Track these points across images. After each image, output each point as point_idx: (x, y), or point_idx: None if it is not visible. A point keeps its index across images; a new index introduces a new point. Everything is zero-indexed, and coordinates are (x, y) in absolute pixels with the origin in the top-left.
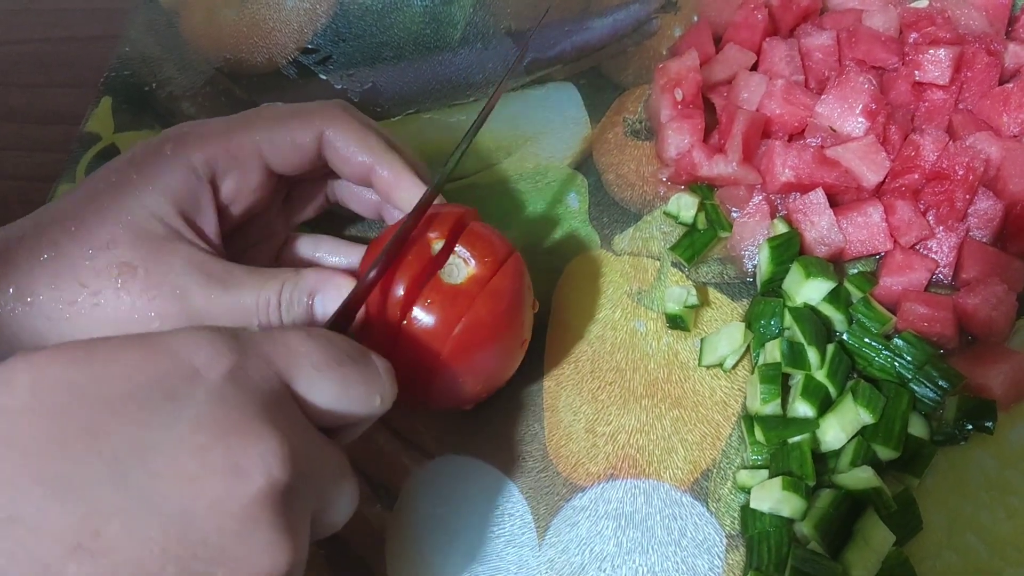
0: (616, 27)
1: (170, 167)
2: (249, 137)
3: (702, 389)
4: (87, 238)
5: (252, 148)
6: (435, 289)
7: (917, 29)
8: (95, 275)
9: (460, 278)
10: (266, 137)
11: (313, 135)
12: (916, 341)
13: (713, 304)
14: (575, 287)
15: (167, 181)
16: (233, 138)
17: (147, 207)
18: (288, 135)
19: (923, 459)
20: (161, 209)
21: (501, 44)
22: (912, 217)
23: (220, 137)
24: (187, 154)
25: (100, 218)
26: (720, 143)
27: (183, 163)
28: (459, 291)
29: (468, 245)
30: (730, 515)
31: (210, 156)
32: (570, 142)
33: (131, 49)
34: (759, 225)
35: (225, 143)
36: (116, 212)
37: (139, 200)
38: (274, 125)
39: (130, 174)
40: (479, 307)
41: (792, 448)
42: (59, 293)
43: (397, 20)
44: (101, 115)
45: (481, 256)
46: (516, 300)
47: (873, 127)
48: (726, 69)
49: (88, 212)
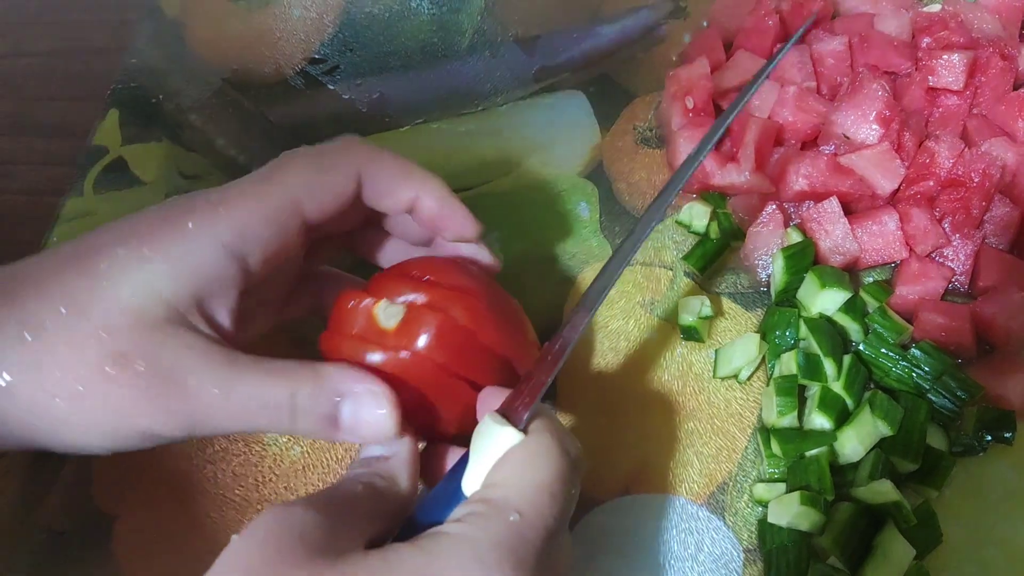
0: (625, 34)
1: (193, 247)
2: (286, 193)
3: (717, 401)
4: (78, 322)
5: (291, 206)
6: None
7: (930, 34)
8: (82, 365)
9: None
10: (304, 190)
11: (352, 176)
12: (934, 351)
13: (727, 314)
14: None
15: (187, 263)
16: (269, 199)
17: (156, 291)
18: (327, 182)
19: (942, 471)
20: (172, 294)
21: (509, 52)
22: (928, 225)
23: (253, 200)
24: (215, 230)
25: (96, 297)
26: (732, 151)
27: (210, 242)
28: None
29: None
30: (747, 529)
31: (243, 227)
32: (580, 150)
33: (138, 61)
34: (773, 234)
35: (260, 206)
36: (116, 293)
37: (148, 282)
38: (310, 174)
39: (140, 249)
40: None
41: (810, 462)
42: (40, 381)
43: (404, 29)
44: (108, 128)
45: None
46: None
47: (887, 134)
48: (737, 76)
49: (81, 289)
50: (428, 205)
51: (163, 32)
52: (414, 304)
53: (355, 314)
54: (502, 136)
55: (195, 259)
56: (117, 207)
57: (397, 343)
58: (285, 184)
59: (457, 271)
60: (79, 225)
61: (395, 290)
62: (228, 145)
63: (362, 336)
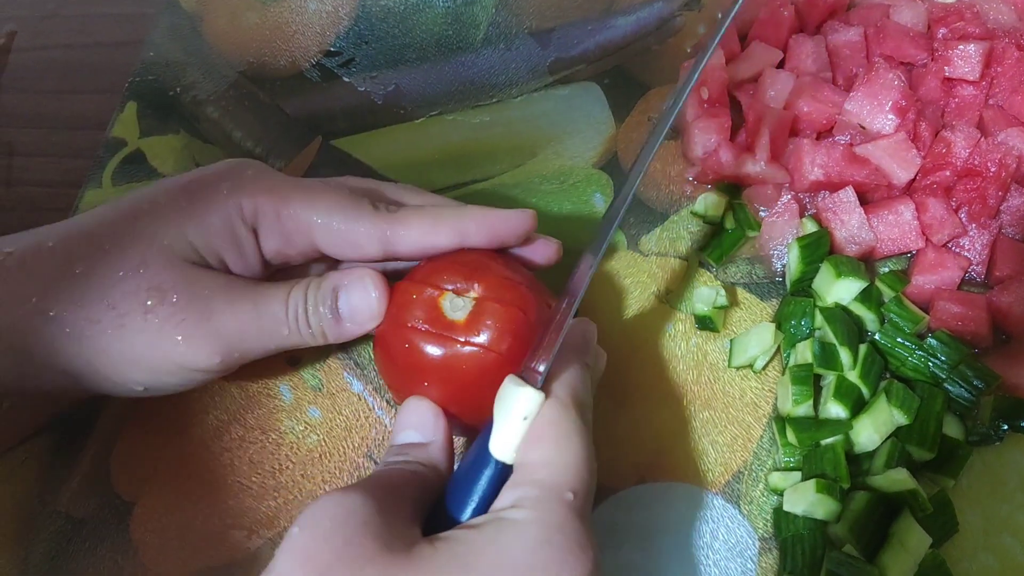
0: (640, 25)
1: (221, 206)
2: (305, 214)
3: (732, 390)
4: (120, 259)
5: (305, 227)
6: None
7: (946, 24)
8: (123, 297)
9: (461, 315)
10: (324, 224)
11: (379, 241)
12: (950, 340)
13: (742, 304)
14: (602, 289)
15: (214, 219)
16: (289, 206)
17: (187, 237)
18: (350, 233)
19: (958, 460)
20: (201, 243)
21: (524, 44)
22: (944, 215)
23: (276, 197)
24: (240, 199)
25: (134, 239)
26: (747, 142)
27: (234, 206)
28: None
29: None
30: (763, 517)
31: (260, 209)
32: (595, 142)
33: (155, 54)
34: (788, 224)
35: (280, 206)
36: (152, 235)
37: (181, 229)
38: (336, 215)
39: (180, 201)
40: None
41: (825, 450)
42: (84, 312)
43: (419, 21)
44: (126, 120)
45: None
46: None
47: (903, 124)
48: (752, 67)
49: (123, 232)
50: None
51: (180, 25)
52: (483, 298)
53: (416, 305)
54: (516, 128)
55: (218, 218)
56: None
57: (466, 335)
58: (310, 206)
59: (507, 264)
60: None
61: (453, 280)
62: (245, 137)
63: (424, 327)
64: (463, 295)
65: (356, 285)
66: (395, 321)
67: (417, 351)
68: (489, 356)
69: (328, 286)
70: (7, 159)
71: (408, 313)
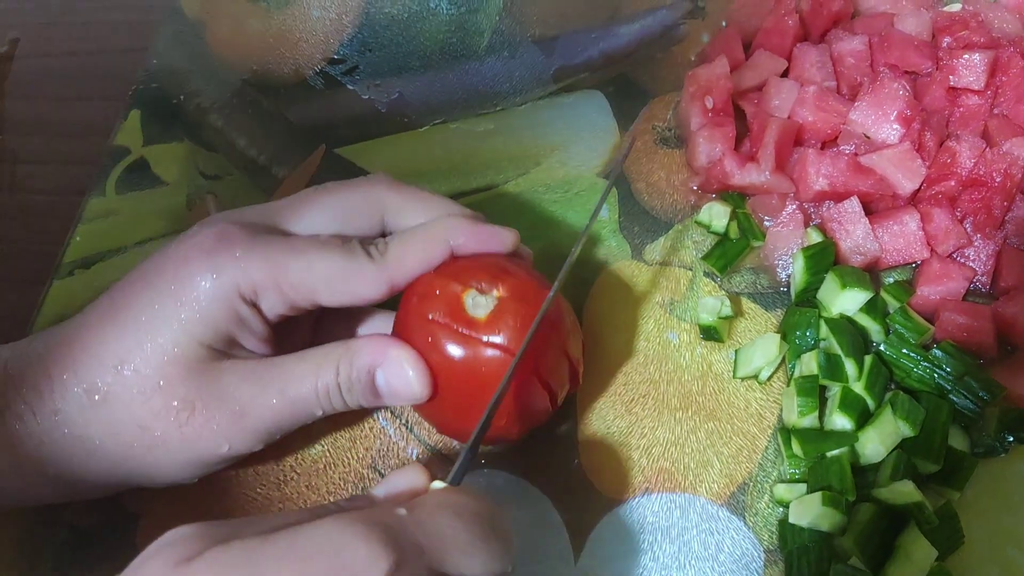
0: (644, 33)
1: (218, 296)
2: (305, 282)
3: (737, 401)
4: (138, 379)
5: (306, 291)
6: (462, 321)
7: (950, 33)
8: (153, 417)
9: (483, 312)
10: (325, 287)
11: (376, 219)
12: (955, 351)
13: (746, 314)
14: (606, 298)
15: (215, 311)
16: (288, 277)
17: (195, 339)
18: (351, 290)
19: (964, 472)
20: (210, 337)
21: (528, 52)
22: (949, 225)
23: (273, 269)
24: (236, 280)
25: (144, 352)
26: (752, 151)
27: (231, 290)
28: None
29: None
30: (768, 529)
31: (258, 286)
32: (599, 150)
33: (158, 62)
34: (793, 234)
35: (279, 278)
36: (163, 345)
37: (185, 331)
38: (335, 278)
39: (171, 305)
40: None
41: (831, 462)
42: (119, 438)
43: (423, 29)
44: (130, 128)
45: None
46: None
47: (908, 134)
48: (756, 76)
49: (129, 347)
50: (463, 245)
51: (184, 33)
52: (506, 298)
53: (437, 300)
54: (520, 136)
55: (216, 310)
56: (139, 207)
57: (486, 333)
58: (307, 269)
59: (525, 268)
60: (102, 225)
61: (477, 279)
62: (248, 145)
63: (444, 322)
64: (486, 294)
65: (392, 367)
66: (416, 313)
67: (439, 346)
68: (508, 360)
69: (362, 367)
70: (10, 167)
71: (430, 306)
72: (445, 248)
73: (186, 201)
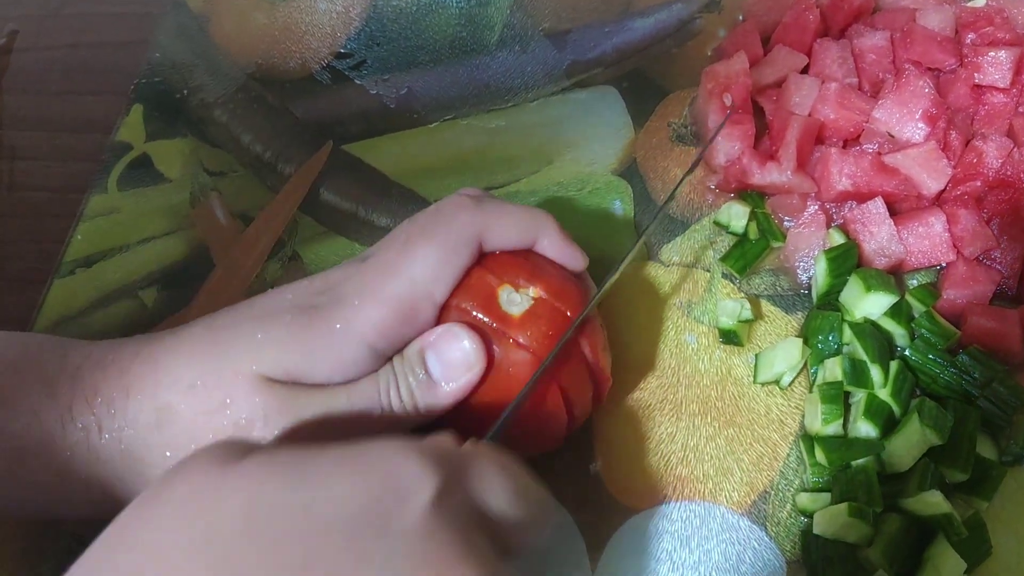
0: (658, 27)
1: (339, 347)
2: (417, 289)
3: (757, 407)
4: (206, 396)
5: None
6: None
7: (974, 29)
8: (215, 435)
9: (517, 310)
10: (433, 281)
11: (474, 247)
12: (983, 357)
13: (766, 317)
14: (622, 299)
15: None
16: (403, 299)
17: (282, 364)
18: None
19: (992, 481)
20: (303, 371)
21: (539, 46)
22: (976, 227)
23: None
24: (361, 333)
25: (222, 373)
26: (772, 149)
27: (356, 344)
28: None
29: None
30: (790, 540)
31: (384, 329)
32: (614, 148)
33: (161, 55)
34: (814, 235)
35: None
36: (236, 363)
37: (279, 362)
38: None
39: (283, 340)
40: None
41: (857, 473)
42: (173, 459)
43: (432, 23)
44: (132, 123)
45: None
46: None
47: (934, 132)
48: (775, 72)
49: (208, 368)
50: (544, 245)
51: (187, 25)
52: (542, 298)
53: (471, 290)
54: (533, 133)
55: (339, 356)
56: (142, 204)
57: (517, 332)
58: (414, 280)
59: (566, 274)
60: (103, 223)
61: (515, 275)
62: (254, 141)
63: (476, 314)
64: (522, 291)
65: (443, 338)
66: (447, 302)
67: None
68: (537, 362)
69: (413, 350)
70: (9, 163)
71: (464, 295)
72: (530, 239)
73: (190, 198)
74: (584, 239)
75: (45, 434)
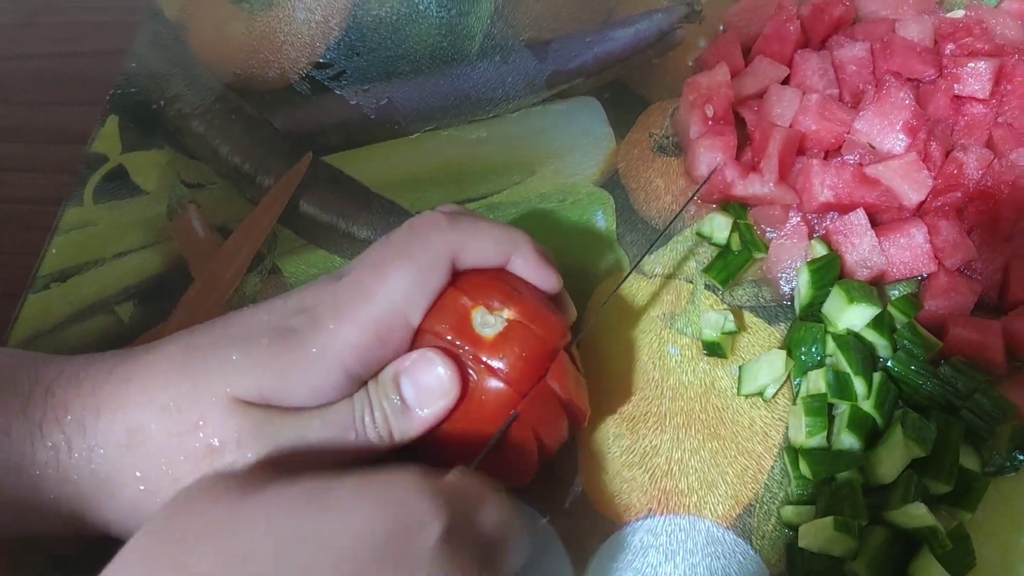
0: (639, 38)
1: (315, 371)
2: (393, 310)
3: (741, 419)
4: (179, 418)
5: (399, 319)
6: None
7: (954, 40)
8: (185, 457)
9: (490, 332)
10: (408, 302)
11: (449, 266)
12: (965, 368)
13: (749, 328)
14: (605, 312)
15: (308, 384)
16: (379, 321)
17: (259, 389)
18: (428, 283)
19: (975, 492)
20: (278, 396)
21: (520, 57)
22: (957, 238)
23: (366, 325)
24: (337, 357)
25: (196, 395)
26: (754, 161)
27: (333, 368)
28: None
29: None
30: (775, 553)
31: (361, 352)
32: (595, 158)
33: (138, 65)
34: (796, 247)
35: (373, 327)
36: (213, 387)
37: (257, 387)
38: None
39: (256, 365)
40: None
41: (842, 486)
42: (142, 480)
43: (412, 33)
44: (108, 135)
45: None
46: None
47: (914, 144)
48: (756, 83)
49: (184, 392)
50: (517, 265)
51: (164, 35)
52: (515, 321)
53: (447, 311)
54: (515, 144)
55: (315, 380)
56: (118, 217)
57: (490, 355)
58: (389, 302)
59: (540, 296)
60: (79, 236)
61: (489, 296)
62: (232, 152)
63: (450, 337)
64: (496, 313)
65: (418, 364)
66: (421, 324)
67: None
68: (509, 389)
69: (388, 375)
70: None
71: (437, 318)
72: (504, 258)
73: (167, 211)
74: (566, 251)
75: (15, 452)
